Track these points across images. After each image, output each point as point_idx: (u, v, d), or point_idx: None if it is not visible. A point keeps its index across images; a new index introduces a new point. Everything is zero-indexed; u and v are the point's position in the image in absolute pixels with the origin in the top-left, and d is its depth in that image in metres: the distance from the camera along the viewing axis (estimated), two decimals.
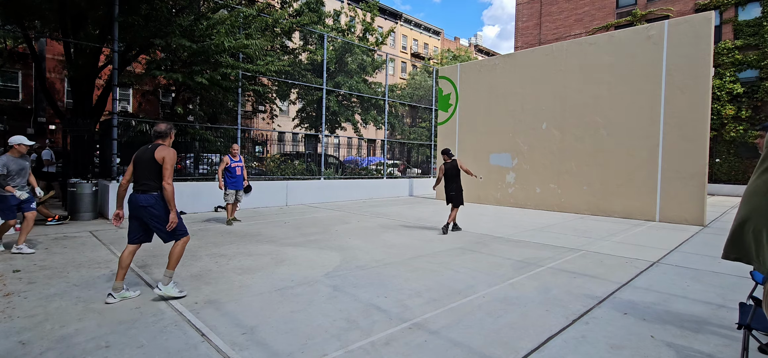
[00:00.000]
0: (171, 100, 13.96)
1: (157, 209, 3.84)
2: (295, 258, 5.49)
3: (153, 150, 3.86)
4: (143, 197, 3.81)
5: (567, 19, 26.00)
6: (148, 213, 3.83)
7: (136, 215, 3.88)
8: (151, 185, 3.83)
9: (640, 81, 10.09)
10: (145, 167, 3.85)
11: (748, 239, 1.59)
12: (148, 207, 3.81)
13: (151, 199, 3.82)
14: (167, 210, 3.86)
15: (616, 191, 10.46)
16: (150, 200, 3.82)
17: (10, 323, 3.22)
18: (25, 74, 21.05)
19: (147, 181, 3.83)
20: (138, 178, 3.87)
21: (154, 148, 3.89)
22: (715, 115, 20.25)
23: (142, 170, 3.86)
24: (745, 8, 20.26)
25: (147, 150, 3.90)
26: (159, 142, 3.95)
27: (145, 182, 3.83)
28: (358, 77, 18.22)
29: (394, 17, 43.53)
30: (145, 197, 3.81)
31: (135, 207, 3.85)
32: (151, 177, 3.83)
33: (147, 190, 3.82)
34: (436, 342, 3.00)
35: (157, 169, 3.82)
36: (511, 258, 5.70)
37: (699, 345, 3.03)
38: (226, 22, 9.92)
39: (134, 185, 3.90)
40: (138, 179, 3.87)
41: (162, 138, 3.99)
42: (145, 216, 3.84)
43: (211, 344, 2.92)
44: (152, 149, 3.88)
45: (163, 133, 3.99)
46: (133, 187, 3.92)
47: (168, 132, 4.02)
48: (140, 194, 3.83)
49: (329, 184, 13.38)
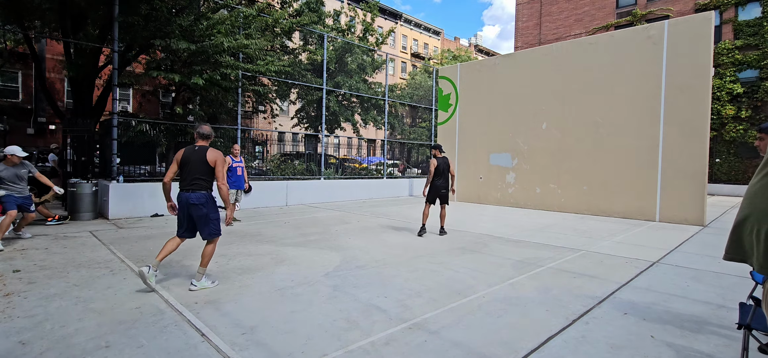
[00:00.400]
0: (171, 100, 13.97)
1: (206, 207, 4.05)
2: (295, 258, 5.49)
3: (202, 152, 4.05)
4: (194, 196, 4.02)
5: (567, 19, 26.01)
6: (198, 210, 4.04)
7: (185, 213, 4.09)
8: (201, 184, 4.04)
9: (640, 81, 10.09)
10: (195, 167, 4.04)
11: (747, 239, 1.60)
12: (198, 205, 4.03)
13: (201, 197, 4.04)
14: (215, 208, 4.12)
15: (616, 190, 10.46)
16: (201, 198, 4.04)
17: (10, 323, 3.22)
18: (25, 74, 21.05)
19: (197, 180, 4.03)
20: (186, 177, 4.05)
21: (202, 150, 4.07)
22: (715, 115, 20.26)
23: (191, 170, 4.04)
24: (745, 8, 20.26)
25: (195, 151, 4.08)
26: (205, 144, 4.17)
27: (195, 181, 4.03)
28: (358, 77, 18.21)
29: (394, 17, 43.54)
30: (197, 196, 4.02)
31: (185, 205, 4.06)
32: (202, 177, 4.04)
33: (197, 189, 4.03)
34: (436, 342, 3.00)
35: (208, 170, 4.05)
36: (511, 258, 5.70)
37: (699, 345, 3.03)
38: (226, 22, 9.92)
39: (182, 184, 4.07)
40: (186, 178, 4.05)
41: (207, 140, 4.20)
42: (194, 213, 4.05)
43: (211, 344, 2.92)
44: (202, 151, 4.06)
45: (207, 135, 4.21)
46: (180, 185, 4.08)
47: (212, 134, 4.26)
48: (191, 192, 4.02)
49: (329, 184, 13.38)
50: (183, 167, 4.09)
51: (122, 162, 9.85)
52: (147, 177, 10.34)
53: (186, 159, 4.07)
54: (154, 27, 9.41)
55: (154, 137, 10.78)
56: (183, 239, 4.20)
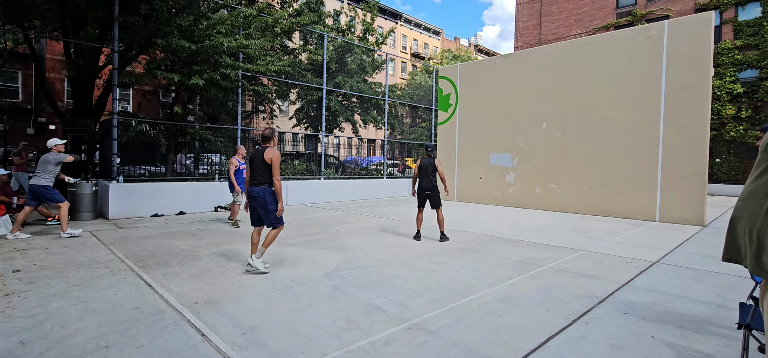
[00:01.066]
0: (171, 100, 13.97)
1: (265, 200, 4.65)
2: (295, 258, 5.49)
3: (262, 152, 4.64)
4: (256, 190, 4.66)
5: (567, 19, 26.00)
6: (259, 202, 4.66)
7: (252, 205, 4.73)
8: (262, 179, 4.65)
9: (640, 81, 10.09)
10: (257, 166, 4.67)
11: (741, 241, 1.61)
12: (258, 198, 4.65)
13: (261, 191, 4.64)
14: (275, 200, 4.67)
15: (616, 190, 10.46)
16: (260, 192, 4.64)
17: (10, 323, 3.22)
18: (25, 74, 21.04)
19: (259, 176, 4.66)
20: (252, 174, 4.71)
21: (263, 150, 4.66)
22: (715, 115, 20.25)
23: (255, 168, 4.68)
24: (745, 8, 20.26)
25: (257, 151, 4.71)
26: (267, 144, 4.74)
27: (258, 177, 4.67)
28: (358, 77, 18.21)
29: (394, 17, 43.53)
30: (258, 189, 4.65)
31: (250, 197, 4.72)
32: (262, 173, 4.65)
33: (259, 183, 4.66)
34: (436, 342, 3.00)
35: (267, 167, 4.63)
36: (511, 258, 5.70)
37: (699, 345, 3.03)
38: (226, 23, 9.92)
39: (250, 180, 4.74)
40: (252, 175, 4.71)
41: (267, 141, 4.77)
42: (257, 205, 4.68)
43: (211, 344, 2.92)
44: (262, 151, 4.66)
45: (268, 137, 4.78)
46: (250, 181, 4.75)
47: (271, 136, 4.80)
48: (254, 186, 4.67)
49: (329, 184, 13.38)
50: (250, 166, 4.74)
51: (122, 162, 9.85)
52: (147, 177, 10.35)
53: (252, 158, 4.74)
54: (154, 27, 9.41)
55: (154, 137, 10.78)
56: (260, 228, 4.80)
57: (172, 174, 11.27)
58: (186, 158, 12.13)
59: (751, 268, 1.58)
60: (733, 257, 1.70)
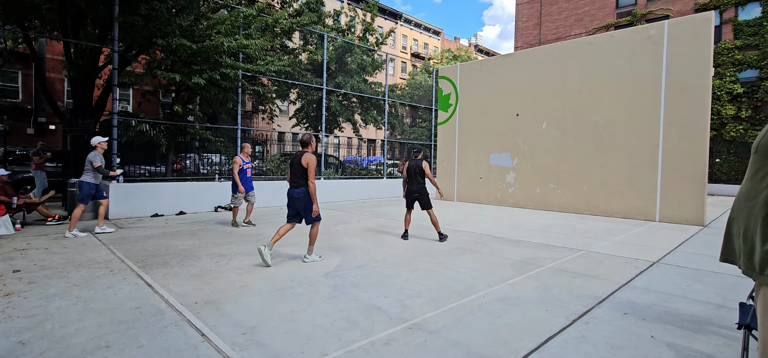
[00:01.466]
0: (171, 100, 13.98)
1: (304, 201, 5.11)
2: (295, 258, 5.49)
3: (300, 156, 5.09)
4: (295, 192, 5.13)
5: (567, 19, 26.00)
6: (301, 203, 5.12)
7: (292, 205, 5.21)
8: (300, 182, 5.11)
9: (640, 81, 10.09)
10: (295, 169, 5.13)
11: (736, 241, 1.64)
12: (300, 199, 5.11)
13: (300, 193, 5.10)
14: (311, 201, 5.10)
15: (616, 190, 10.46)
16: (300, 193, 5.10)
17: (10, 323, 3.22)
18: (25, 74, 21.03)
19: (298, 179, 5.12)
20: (292, 177, 5.18)
21: (300, 154, 5.11)
22: (715, 115, 20.25)
23: (294, 171, 5.15)
24: (745, 8, 20.26)
25: (296, 156, 5.15)
26: (304, 149, 5.17)
27: (296, 180, 5.13)
28: (358, 77, 18.21)
29: (394, 17, 43.53)
30: (297, 191, 5.12)
31: (290, 198, 5.20)
32: (300, 176, 5.09)
33: (298, 186, 5.13)
34: (436, 342, 3.00)
35: (304, 171, 5.06)
36: (511, 258, 5.70)
37: (699, 345, 3.03)
38: (226, 23, 9.92)
39: (291, 182, 5.22)
40: (292, 178, 5.18)
41: (305, 146, 5.20)
42: (298, 206, 5.16)
43: (211, 344, 2.92)
44: (299, 155, 5.10)
45: (305, 142, 5.22)
46: (290, 183, 5.23)
47: (309, 141, 5.23)
48: (294, 188, 5.16)
49: (329, 184, 13.38)
50: (290, 169, 5.23)
51: (122, 162, 9.85)
52: (147, 177, 10.35)
53: (291, 163, 5.23)
54: (154, 27, 9.41)
55: (154, 137, 10.78)
56: (292, 224, 5.25)
57: (172, 174, 11.27)
58: (186, 158, 12.13)
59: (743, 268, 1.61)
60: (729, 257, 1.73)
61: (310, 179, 5.05)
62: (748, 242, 1.56)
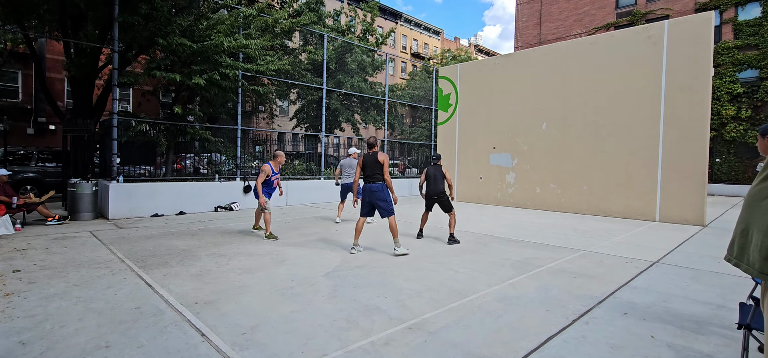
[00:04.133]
0: (171, 100, 13.98)
1: (382, 193, 5.73)
2: (295, 258, 5.49)
3: (375, 155, 5.77)
4: (375, 185, 5.74)
5: (567, 19, 26.00)
6: (376, 196, 5.72)
7: (368, 199, 5.81)
8: (378, 177, 5.74)
9: (640, 81, 10.08)
10: (372, 166, 5.77)
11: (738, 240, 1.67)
12: (376, 192, 5.72)
13: (378, 186, 5.73)
14: (387, 194, 5.74)
15: (616, 190, 10.46)
16: (378, 187, 5.73)
17: (10, 323, 3.22)
18: (25, 74, 21.02)
19: (375, 174, 5.74)
20: (368, 173, 5.77)
21: (374, 154, 5.78)
22: (715, 115, 20.25)
23: (370, 168, 5.76)
24: (745, 8, 20.25)
25: (370, 155, 5.80)
26: (375, 149, 5.81)
27: (373, 175, 5.75)
28: (358, 77, 18.21)
29: (394, 17, 43.52)
30: (377, 185, 5.74)
31: (368, 192, 5.79)
32: (377, 172, 5.74)
33: (375, 180, 5.75)
34: (436, 342, 3.00)
35: (380, 166, 5.73)
36: (511, 258, 5.70)
37: (699, 345, 3.03)
38: (226, 22, 9.92)
39: (365, 178, 5.82)
40: (368, 174, 5.77)
41: (372, 147, 5.83)
42: (374, 198, 5.74)
43: (211, 344, 2.92)
44: (374, 155, 5.78)
45: (373, 144, 5.84)
46: (363, 179, 5.85)
47: (375, 142, 5.86)
48: (373, 183, 5.75)
49: (329, 184, 13.38)
50: (364, 168, 5.82)
51: (122, 162, 9.84)
52: (147, 177, 10.34)
53: (365, 162, 5.82)
54: (154, 27, 9.40)
55: (154, 137, 10.77)
56: (365, 219, 5.91)
57: (172, 174, 11.27)
58: (186, 158, 12.11)
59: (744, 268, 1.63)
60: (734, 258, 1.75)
61: (386, 173, 5.72)
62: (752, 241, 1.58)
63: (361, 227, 5.86)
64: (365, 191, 5.80)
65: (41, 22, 11.11)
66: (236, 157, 11.73)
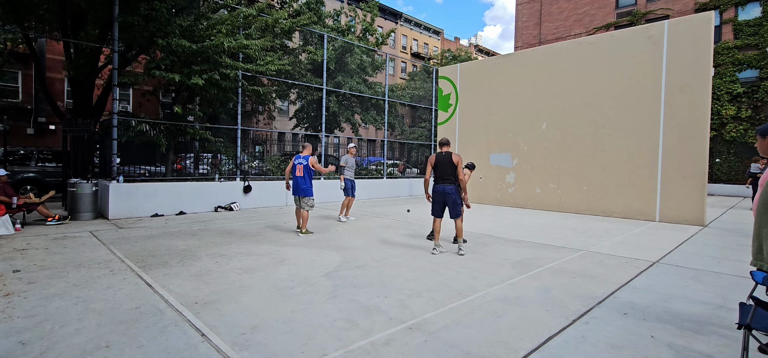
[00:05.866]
0: (171, 100, 13.98)
1: (455, 195, 5.76)
2: (295, 258, 5.49)
3: (449, 156, 5.73)
4: (449, 187, 5.75)
5: (567, 19, 25.99)
6: (450, 197, 5.74)
7: (441, 199, 5.80)
8: (451, 179, 5.75)
9: (640, 81, 10.08)
10: (446, 167, 5.73)
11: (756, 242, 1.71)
12: (450, 193, 5.73)
13: (451, 188, 5.74)
14: (459, 195, 5.81)
15: (616, 190, 10.46)
16: (453, 189, 5.74)
17: (10, 323, 3.22)
18: (25, 74, 21.02)
19: (448, 176, 5.74)
20: (440, 174, 5.77)
21: (448, 154, 5.74)
22: (715, 115, 20.24)
23: (443, 169, 5.74)
24: (745, 8, 20.25)
25: (443, 156, 5.76)
26: (448, 149, 5.83)
27: (447, 176, 5.75)
28: (358, 77, 18.21)
29: (394, 17, 43.51)
30: (449, 187, 5.75)
31: (441, 193, 5.77)
32: (451, 174, 5.73)
33: (449, 182, 5.76)
34: (435, 342, 3.00)
35: (455, 168, 5.72)
36: (511, 258, 5.70)
37: (699, 345, 3.03)
38: (226, 23, 9.91)
39: (437, 179, 5.79)
40: (440, 176, 5.77)
41: (448, 146, 5.86)
42: (447, 200, 5.76)
43: (211, 344, 2.92)
44: (448, 155, 5.74)
45: (445, 143, 5.88)
46: (435, 180, 5.82)
47: (448, 142, 5.91)
48: (446, 184, 5.75)
49: (329, 183, 13.37)
50: (436, 168, 5.78)
51: (122, 162, 9.84)
52: (147, 177, 10.34)
53: (438, 162, 5.78)
54: (154, 27, 9.40)
55: (154, 137, 10.77)
56: (441, 218, 5.87)
57: (172, 174, 11.27)
58: (186, 158, 12.10)
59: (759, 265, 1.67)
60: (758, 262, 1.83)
61: (460, 174, 5.73)
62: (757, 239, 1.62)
63: (439, 228, 5.88)
64: (438, 191, 5.78)
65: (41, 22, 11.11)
66: (236, 157, 11.72)
